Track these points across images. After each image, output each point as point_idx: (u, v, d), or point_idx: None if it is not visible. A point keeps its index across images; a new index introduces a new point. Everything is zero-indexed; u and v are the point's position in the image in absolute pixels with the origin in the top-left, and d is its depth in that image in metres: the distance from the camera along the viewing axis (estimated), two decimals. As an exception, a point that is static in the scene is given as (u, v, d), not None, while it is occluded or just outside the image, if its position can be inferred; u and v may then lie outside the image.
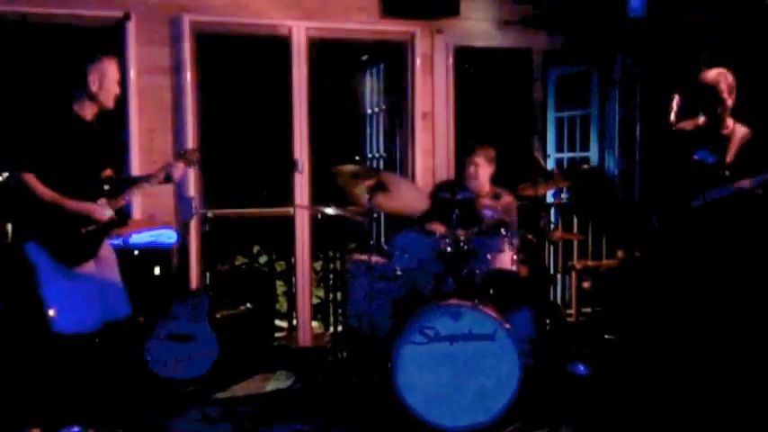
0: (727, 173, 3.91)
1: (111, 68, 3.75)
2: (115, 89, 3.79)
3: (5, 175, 4.32)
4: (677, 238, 3.95)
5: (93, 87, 3.70)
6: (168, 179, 3.98)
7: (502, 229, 4.16)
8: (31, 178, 3.57)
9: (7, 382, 4.18)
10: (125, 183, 3.99)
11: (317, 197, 5.29)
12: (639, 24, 5.52)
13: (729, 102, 3.97)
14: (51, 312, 3.68)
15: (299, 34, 5.27)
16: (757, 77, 4.84)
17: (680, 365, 3.89)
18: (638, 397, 4.09)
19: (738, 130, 4.03)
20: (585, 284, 5.86)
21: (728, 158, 3.96)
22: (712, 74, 4.01)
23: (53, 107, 3.76)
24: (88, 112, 3.76)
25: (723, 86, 3.96)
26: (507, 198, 4.72)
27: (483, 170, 4.75)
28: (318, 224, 5.38)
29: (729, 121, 4.07)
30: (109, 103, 3.78)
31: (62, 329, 3.68)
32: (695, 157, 4.02)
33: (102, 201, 3.76)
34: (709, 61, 5.16)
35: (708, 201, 3.89)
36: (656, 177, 4.15)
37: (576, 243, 5.87)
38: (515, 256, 4.08)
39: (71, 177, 3.66)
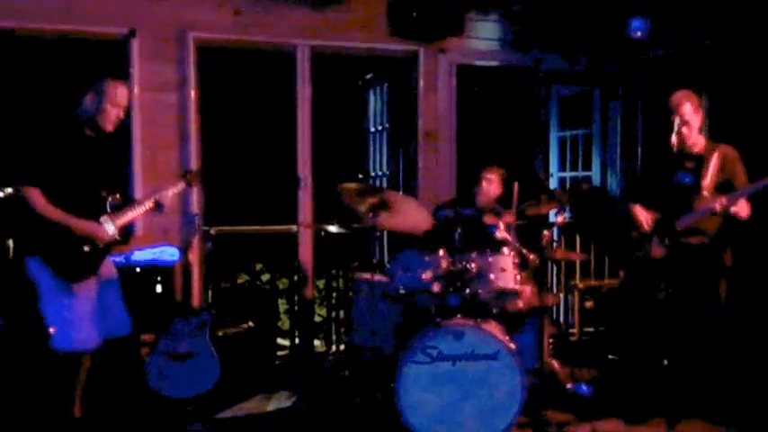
0: (705, 193, 3.92)
1: (115, 92, 3.72)
2: (117, 113, 3.75)
3: (9, 190, 4.33)
4: (671, 258, 3.97)
5: (91, 107, 3.70)
6: (158, 208, 3.97)
7: (504, 248, 4.15)
8: (34, 194, 3.57)
9: (7, 398, 4.16)
10: (125, 202, 3.99)
11: (321, 215, 5.29)
12: (641, 45, 5.55)
13: (694, 123, 3.98)
14: (51, 329, 3.67)
15: (304, 52, 5.29)
16: (757, 97, 4.88)
17: (682, 383, 3.88)
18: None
19: (716, 150, 4.02)
20: (588, 304, 5.85)
21: (705, 179, 3.97)
22: (675, 96, 4.04)
23: (56, 122, 3.77)
24: (88, 130, 3.76)
25: (685, 109, 3.99)
26: (508, 216, 4.71)
27: (495, 188, 4.81)
28: (321, 242, 5.38)
29: (700, 141, 4.07)
30: (106, 125, 3.74)
31: (62, 347, 3.66)
32: (674, 180, 4.04)
33: (105, 218, 3.76)
34: (711, 81, 5.21)
35: (687, 223, 3.90)
36: (651, 198, 4.18)
37: (578, 262, 5.86)
38: (518, 276, 4.07)
39: (73, 193, 3.66)
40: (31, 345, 4.15)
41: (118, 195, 3.92)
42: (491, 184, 4.81)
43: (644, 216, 4.09)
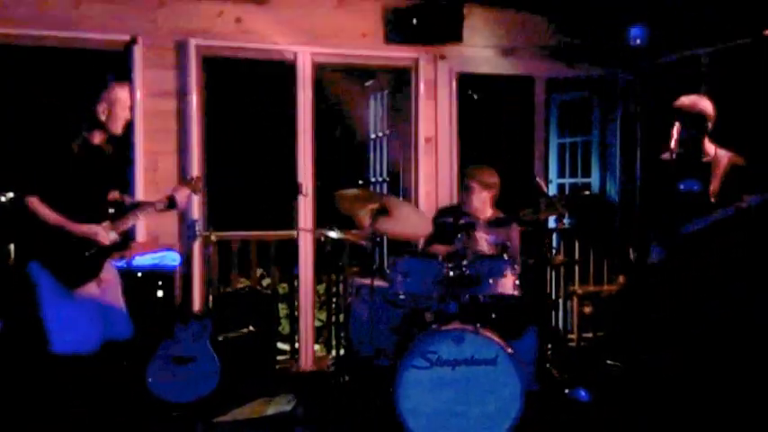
0: (712, 200, 3.93)
1: (122, 95, 3.77)
2: (125, 115, 3.80)
3: (10, 195, 4.36)
4: (673, 264, 3.98)
5: (102, 116, 3.72)
6: (172, 206, 4.00)
7: (504, 254, 4.17)
8: (35, 201, 3.59)
9: (6, 402, 4.18)
10: (130, 206, 4.02)
11: (321, 220, 5.31)
12: (640, 53, 5.58)
13: (708, 131, 3.98)
14: (51, 333, 3.69)
15: (305, 60, 5.32)
16: (754, 106, 4.90)
17: (681, 390, 3.89)
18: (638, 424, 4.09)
19: (723, 157, 4.03)
20: (587, 309, 5.87)
21: (713, 185, 3.97)
22: (688, 101, 4.03)
23: (59, 131, 3.80)
24: (96, 137, 3.78)
25: (700, 118, 3.98)
26: (510, 223, 4.72)
27: (477, 195, 4.65)
28: (322, 247, 5.40)
29: (711, 148, 4.07)
30: (117, 130, 3.80)
31: (62, 350, 3.68)
32: (681, 186, 4.04)
33: (107, 224, 3.79)
34: (709, 89, 5.23)
35: (697, 228, 3.91)
36: (651, 206, 4.19)
37: (577, 268, 5.89)
38: (517, 281, 4.09)
39: (76, 200, 3.68)
40: (30, 347, 4.17)
41: (120, 201, 3.97)
42: (472, 193, 4.60)
43: None
